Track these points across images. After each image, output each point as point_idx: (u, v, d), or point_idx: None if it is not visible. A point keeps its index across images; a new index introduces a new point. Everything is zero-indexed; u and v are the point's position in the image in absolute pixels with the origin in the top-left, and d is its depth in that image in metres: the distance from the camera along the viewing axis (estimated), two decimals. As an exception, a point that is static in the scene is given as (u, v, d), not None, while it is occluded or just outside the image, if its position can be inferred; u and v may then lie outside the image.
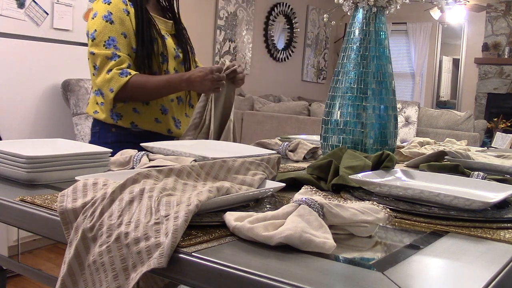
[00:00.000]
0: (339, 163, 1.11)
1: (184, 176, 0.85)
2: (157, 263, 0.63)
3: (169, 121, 1.79)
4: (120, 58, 1.65)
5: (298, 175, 1.08)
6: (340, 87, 1.36)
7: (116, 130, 1.75)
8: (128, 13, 1.71)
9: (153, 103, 1.75)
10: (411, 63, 8.12)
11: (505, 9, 7.18)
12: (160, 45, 1.75)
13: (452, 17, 6.68)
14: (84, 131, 3.04)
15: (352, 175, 1.02)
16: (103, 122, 1.75)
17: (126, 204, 0.72)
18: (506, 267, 0.67)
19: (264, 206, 0.87)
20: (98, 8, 1.71)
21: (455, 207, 0.89)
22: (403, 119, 4.47)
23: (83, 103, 3.08)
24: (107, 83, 1.63)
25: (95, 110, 1.76)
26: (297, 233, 0.65)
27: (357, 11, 1.37)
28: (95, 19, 1.70)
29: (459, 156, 1.47)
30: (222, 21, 5.95)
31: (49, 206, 0.83)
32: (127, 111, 1.73)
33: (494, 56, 7.29)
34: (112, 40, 1.66)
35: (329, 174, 1.09)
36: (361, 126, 1.33)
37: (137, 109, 1.74)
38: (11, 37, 2.79)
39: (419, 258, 0.69)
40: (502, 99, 7.25)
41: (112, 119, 1.73)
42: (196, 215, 0.72)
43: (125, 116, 1.73)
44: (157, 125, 1.76)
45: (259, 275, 0.59)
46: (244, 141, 4.21)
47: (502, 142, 3.75)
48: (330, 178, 1.08)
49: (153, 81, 1.67)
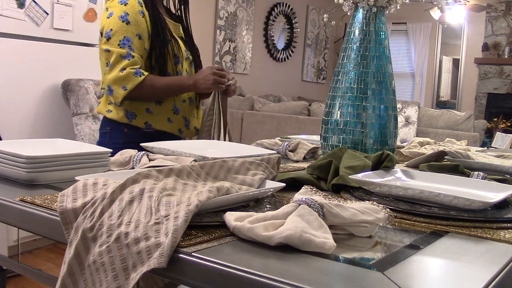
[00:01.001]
0: (339, 163, 1.11)
1: (184, 176, 0.85)
2: (157, 263, 0.63)
3: (180, 121, 1.83)
4: (134, 59, 1.68)
5: (298, 175, 1.08)
6: (340, 87, 1.36)
7: (128, 131, 1.77)
8: (143, 15, 1.74)
9: (165, 103, 1.79)
10: (411, 63, 8.12)
11: (505, 9, 7.18)
12: (174, 46, 1.80)
13: (452, 17, 6.68)
14: (84, 131, 3.04)
15: (352, 175, 1.02)
16: (116, 122, 1.77)
17: (126, 204, 0.72)
18: (506, 267, 0.67)
19: (264, 206, 0.87)
20: (115, 8, 1.74)
21: (455, 207, 0.89)
22: (403, 119, 4.47)
23: (83, 103, 3.08)
24: (120, 80, 1.67)
25: (108, 109, 1.78)
26: (297, 233, 0.65)
27: (357, 11, 1.37)
28: (111, 18, 1.72)
29: (459, 156, 1.47)
30: (222, 21, 5.95)
31: (49, 206, 0.83)
32: (141, 111, 1.76)
33: (494, 56, 7.29)
34: (127, 40, 1.69)
35: (329, 174, 1.09)
36: (361, 126, 1.33)
37: (150, 109, 1.77)
38: (11, 37, 2.78)
39: (419, 258, 0.69)
40: (502, 99, 7.25)
41: (127, 118, 1.75)
42: (196, 215, 0.72)
43: (139, 116, 1.76)
44: (169, 125, 1.79)
45: (259, 275, 0.59)
46: (244, 141, 4.21)
47: (502, 142, 3.75)
48: (330, 178, 1.08)
49: (164, 81, 1.74)
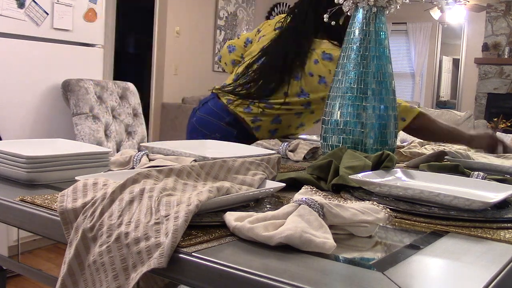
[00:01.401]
0: (339, 163, 1.11)
1: (184, 176, 0.85)
2: (157, 263, 0.63)
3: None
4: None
5: (298, 175, 1.08)
6: (340, 87, 1.36)
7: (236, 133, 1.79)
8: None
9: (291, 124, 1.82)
10: (411, 63, 8.12)
11: (505, 9, 7.18)
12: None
13: (452, 17, 6.69)
14: (84, 131, 3.04)
15: (352, 175, 1.02)
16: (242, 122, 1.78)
17: (126, 204, 0.72)
18: (506, 267, 0.67)
19: (264, 206, 0.87)
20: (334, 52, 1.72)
21: (455, 207, 0.89)
22: (403, 119, 4.46)
23: (83, 103, 3.08)
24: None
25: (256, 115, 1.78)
26: (297, 233, 0.65)
27: (357, 11, 1.37)
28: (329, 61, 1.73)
29: (459, 156, 1.47)
30: (222, 21, 5.95)
31: (49, 206, 0.83)
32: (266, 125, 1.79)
33: (494, 56, 7.29)
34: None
35: (329, 174, 1.09)
36: (361, 126, 1.33)
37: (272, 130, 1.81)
38: (11, 37, 2.78)
39: (419, 258, 0.69)
40: (502, 99, 7.25)
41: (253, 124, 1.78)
42: (196, 215, 0.72)
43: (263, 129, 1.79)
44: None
45: (259, 275, 0.59)
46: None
47: (502, 142, 3.74)
48: (330, 178, 1.08)
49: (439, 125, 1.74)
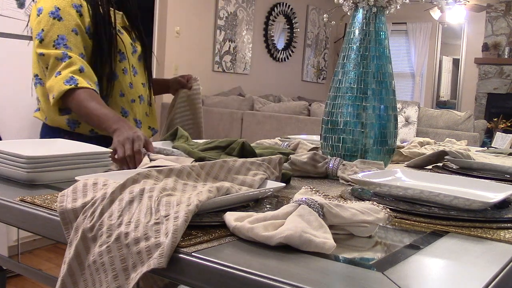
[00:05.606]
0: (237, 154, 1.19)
1: (184, 176, 0.85)
2: (157, 263, 0.63)
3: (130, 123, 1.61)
4: (70, 59, 1.46)
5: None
6: (340, 87, 1.36)
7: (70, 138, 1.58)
8: (80, 7, 1.53)
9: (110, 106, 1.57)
10: (411, 63, 8.11)
11: (505, 9, 7.18)
12: (120, 41, 1.60)
13: (452, 17, 6.68)
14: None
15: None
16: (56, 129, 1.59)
17: (126, 204, 0.72)
18: (506, 267, 0.67)
19: (264, 206, 0.87)
20: (44, 3, 1.51)
21: (455, 207, 0.89)
22: (403, 119, 4.46)
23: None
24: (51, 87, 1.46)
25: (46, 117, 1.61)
26: (297, 233, 0.65)
27: (357, 11, 1.37)
28: (40, 16, 1.50)
29: (459, 156, 1.47)
30: (222, 21, 5.95)
31: (49, 206, 0.83)
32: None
33: (494, 56, 7.28)
34: (61, 39, 1.48)
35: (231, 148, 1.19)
36: (361, 126, 1.33)
37: None
38: (11, 37, 2.78)
39: (419, 258, 0.69)
40: (502, 99, 7.25)
41: (69, 126, 1.57)
42: (196, 215, 0.72)
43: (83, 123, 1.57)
44: None
45: (259, 275, 0.59)
46: (244, 141, 4.20)
47: (502, 142, 3.75)
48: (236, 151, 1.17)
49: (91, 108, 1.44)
